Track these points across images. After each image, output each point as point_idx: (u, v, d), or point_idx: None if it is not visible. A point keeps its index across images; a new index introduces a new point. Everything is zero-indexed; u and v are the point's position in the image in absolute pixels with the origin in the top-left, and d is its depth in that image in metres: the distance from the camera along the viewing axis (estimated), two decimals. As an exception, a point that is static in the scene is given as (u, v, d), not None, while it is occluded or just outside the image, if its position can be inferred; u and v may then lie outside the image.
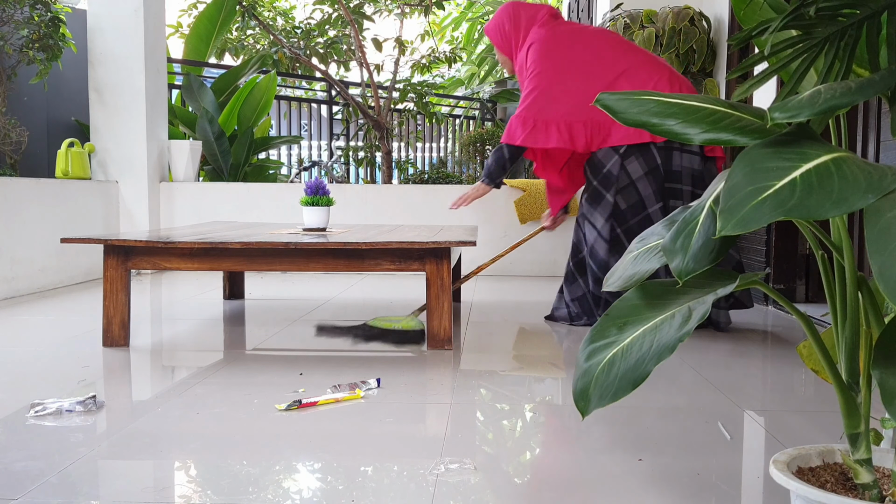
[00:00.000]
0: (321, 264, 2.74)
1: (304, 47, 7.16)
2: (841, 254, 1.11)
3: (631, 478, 1.55)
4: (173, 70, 6.67)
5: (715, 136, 1.01)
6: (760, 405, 2.11)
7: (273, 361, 2.58)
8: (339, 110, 7.49)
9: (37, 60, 4.81)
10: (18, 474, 1.52)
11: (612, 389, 1.06)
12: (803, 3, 1.06)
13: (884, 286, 0.79)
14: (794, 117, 0.93)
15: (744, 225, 0.85)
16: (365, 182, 7.46)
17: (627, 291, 1.21)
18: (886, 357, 0.97)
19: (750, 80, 1.10)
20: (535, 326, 3.36)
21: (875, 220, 0.84)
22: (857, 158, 0.92)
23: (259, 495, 1.44)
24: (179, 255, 2.72)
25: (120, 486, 1.49)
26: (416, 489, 1.48)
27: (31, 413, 1.93)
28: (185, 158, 5.42)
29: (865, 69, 1.15)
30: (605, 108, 1.09)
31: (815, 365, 1.33)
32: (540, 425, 1.94)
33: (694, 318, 1.06)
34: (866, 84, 0.97)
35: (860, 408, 1.11)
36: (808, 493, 1.06)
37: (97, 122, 5.22)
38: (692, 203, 1.17)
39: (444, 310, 2.73)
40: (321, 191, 3.32)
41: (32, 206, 4.22)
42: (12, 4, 4.66)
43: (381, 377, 2.33)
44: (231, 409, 2.01)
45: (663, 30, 4.69)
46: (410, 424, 1.89)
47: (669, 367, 2.53)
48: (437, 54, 7.49)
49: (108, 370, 2.46)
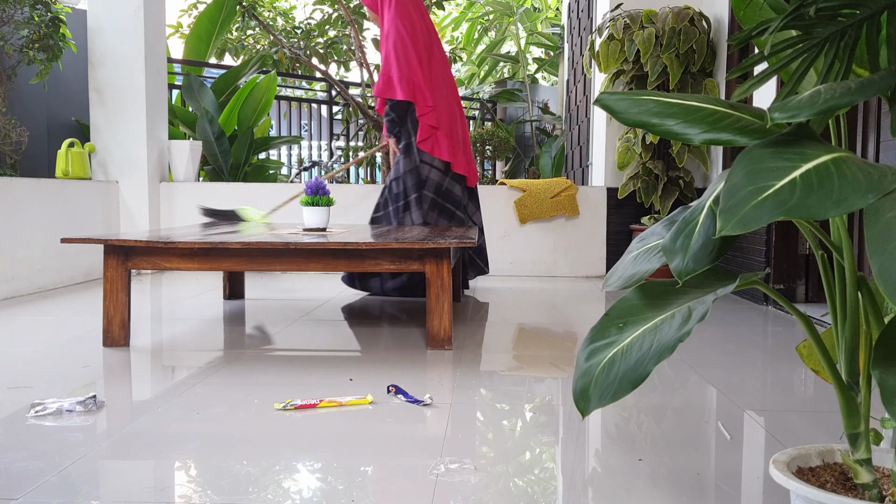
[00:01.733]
0: (321, 264, 2.74)
1: (305, 47, 7.17)
2: (841, 254, 1.11)
3: (631, 478, 1.55)
4: (173, 70, 6.67)
5: (715, 136, 1.01)
6: (760, 405, 2.11)
7: (273, 361, 2.58)
8: (339, 110, 7.49)
9: (37, 61, 4.81)
10: (18, 474, 1.52)
11: (612, 389, 1.06)
12: (803, 3, 1.06)
13: (884, 286, 0.80)
14: (794, 117, 0.93)
15: (744, 225, 0.85)
16: (365, 182, 7.46)
17: (627, 291, 1.21)
18: (886, 357, 0.97)
19: (750, 81, 1.10)
20: (535, 326, 3.36)
21: (875, 220, 0.84)
22: (857, 158, 0.92)
23: (259, 495, 1.44)
24: (179, 255, 2.72)
25: (120, 486, 1.49)
26: (416, 489, 1.48)
27: (31, 413, 1.93)
28: (185, 158, 5.42)
29: (865, 69, 1.15)
30: (604, 107, 1.09)
31: (815, 365, 1.33)
32: (540, 425, 1.94)
33: (694, 318, 1.06)
34: (866, 84, 0.97)
35: (860, 408, 1.11)
36: (808, 493, 1.06)
37: (97, 122, 5.22)
38: (692, 203, 1.17)
39: (444, 310, 2.73)
40: (321, 191, 3.32)
41: (32, 206, 4.22)
42: (12, 4, 4.66)
43: (382, 377, 2.33)
44: (231, 409, 2.01)
45: (663, 30, 4.69)
46: (410, 424, 1.89)
47: (669, 367, 2.53)
48: (437, 54, 7.48)
49: (108, 370, 2.46)
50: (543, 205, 5.23)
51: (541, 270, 5.33)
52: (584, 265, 5.33)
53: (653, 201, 4.95)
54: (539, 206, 5.22)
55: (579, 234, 5.31)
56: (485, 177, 8.33)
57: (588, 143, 6.31)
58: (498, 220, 5.30)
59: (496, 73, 11.25)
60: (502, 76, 11.31)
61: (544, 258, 5.32)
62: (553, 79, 11.86)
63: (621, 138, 5.12)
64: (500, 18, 10.58)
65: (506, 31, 10.47)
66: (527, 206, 5.24)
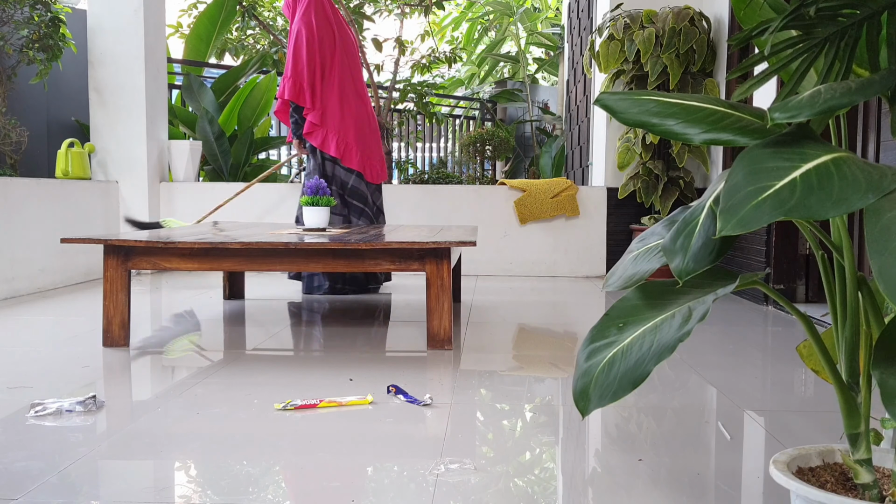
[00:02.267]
0: (321, 264, 2.74)
1: (304, 47, 7.15)
2: (841, 254, 1.11)
3: (631, 478, 1.55)
4: (173, 70, 6.67)
5: (715, 136, 1.01)
6: (760, 405, 2.11)
7: (273, 361, 2.58)
8: (339, 110, 7.47)
9: (37, 60, 4.81)
10: (18, 474, 1.52)
11: (612, 389, 1.06)
12: (803, 3, 1.06)
13: (884, 286, 0.79)
14: (794, 117, 0.93)
15: (744, 225, 0.85)
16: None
17: (627, 291, 1.21)
18: (886, 357, 0.97)
19: (750, 81, 1.10)
20: (535, 326, 3.36)
21: (875, 220, 0.84)
22: (857, 158, 0.92)
23: (259, 495, 1.44)
24: (179, 255, 2.72)
25: (120, 486, 1.49)
26: (416, 489, 1.48)
27: (31, 413, 1.93)
28: (185, 158, 5.42)
29: (865, 69, 1.15)
30: (604, 107, 1.09)
31: (815, 365, 1.33)
32: (540, 425, 1.94)
33: (694, 318, 1.06)
34: (866, 84, 0.97)
35: (860, 408, 1.11)
36: (808, 493, 1.06)
37: (97, 122, 5.22)
38: (692, 203, 1.17)
39: (444, 310, 2.73)
40: (321, 191, 3.32)
41: (32, 206, 4.22)
42: (12, 4, 4.66)
43: (382, 377, 2.33)
44: (231, 409, 2.01)
45: (663, 30, 4.69)
46: (410, 424, 1.89)
47: (669, 367, 2.53)
48: (437, 54, 7.50)
49: (107, 370, 2.46)
50: (543, 205, 5.23)
51: (541, 270, 5.33)
52: (584, 265, 5.33)
53: (653, 201, 4.95)
54: (539, 206, 5.22)
55: (579, 234, 5.31)
56: (485, 177, 8.33)
57: (588, 143, 6.31)
58: (498, 220, 5.30)
59: (496, 73, 11.25)
60: (502, 76, 11.31)
61: (544, 258, 5.32)
62: (553, 79, 11.87)
63: (621, 138, 5.12)
64: (500, 18, 10.59)
65: (506, 31, 10.47)
66: (527, 206, 5.24)
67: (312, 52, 3.98)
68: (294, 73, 3.97)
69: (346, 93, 4.10)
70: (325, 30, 4.05)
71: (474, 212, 5.30)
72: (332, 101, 4.06)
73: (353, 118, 4.11)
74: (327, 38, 4.05)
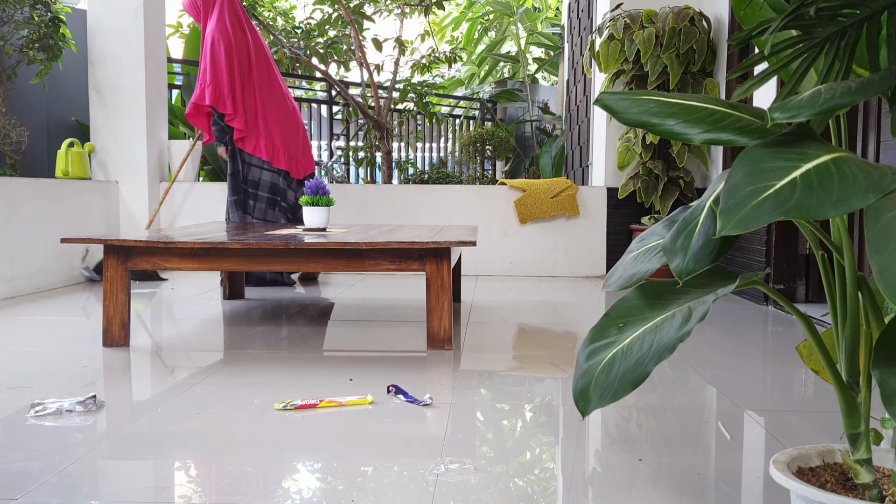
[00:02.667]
0: (321, 264, 2.74)
1: (304, 47, 7.16)
2: (841, 254, 1.11)
3: (631, 478, 1.55)
4: (173, 70, 6.67)
5: (715, 136, 1.01)
6: (760, 405, 2.11)
7: (273, 361, 2.58)
8: (339, 110, 7.49)
9: (37, 60, 4.81)
10: (18, 474, 1.53)
11: (612, 389, 1.06)
12: (803, 3, 1.06)
13: (884, 286, 0.79)
14: (794, 117, 0.93)
15: (744, 225, 0.85)
16: (365, 182, 7.47)
17: (627, 291, 1.21)
18: (886, 357, 0.97)
19: (750, 80, 1.10)
20: (535, 326, 3.36)
21: (875, 220, 0.84)
22: (857, 158, 0.92)
23: (259, 495, 1.44)
24: (179, 255, 2.72)
25: (120, 486, 1.49)
26: (416, 489, 1.48)
27: (31, 413, 1.93)
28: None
29: (865, 69, 1.15)
30: (604, 107, 1.09)
31: (815, 365, 1.33)
32: (540, 425, 1.94)
33: (694, 318, 1.06)
34: (866, 84, 0.97)
35: (860, 408, 1.11)
36: (808, 493, 1.06)
37: (97, 122, 5.22)
38: (692, 203, 1.17)
39: (444, 310, 2.73)
40: (321, 191, 3.32)
41: (32, 206, 4.22)
42: (12, 4, 4.66)
43: (382, 377, 2.33)
44: (231, 409, 2.01)
45: (663, 30, 4.69)
46: (410, 424, 1.89)
47: (669, 367, 2.53)
48: (437, 54, 7.49)
49: (107, 370, 2.46)
50: (543, 205, 5.23)
51: (541, 270, 5.33)
52: (584, 265, 5.33)
53: (653, 201, 4.95)
54: (539, 206, 5.22)
55: (579, 234, 5.31)
56: (485, 177, 8.33)
57: (588, 143, 6.32)
58: (498, 220, 5.31)
59: (496, 73, 11.25)
60: (502, 76, 11.31)
61: (544, 258, 5.32)
62: (553, 79, 11.87)
63: (621, 138, 5.12)
64: (500, 18, 10.58)
65: (506, 31, 10.47)
66: (527, 206, 5.24)
67: (231, 59, 4.13)
68: (214, 81, 4.09)
69: (265, 95, 4.27)
70: (239, 34, 4.21)
71: (474, 212, 5.30)
72: (254, 105, 4.23)
73: (275, 120, 4.28)
74: (243, 44, 4.22)
